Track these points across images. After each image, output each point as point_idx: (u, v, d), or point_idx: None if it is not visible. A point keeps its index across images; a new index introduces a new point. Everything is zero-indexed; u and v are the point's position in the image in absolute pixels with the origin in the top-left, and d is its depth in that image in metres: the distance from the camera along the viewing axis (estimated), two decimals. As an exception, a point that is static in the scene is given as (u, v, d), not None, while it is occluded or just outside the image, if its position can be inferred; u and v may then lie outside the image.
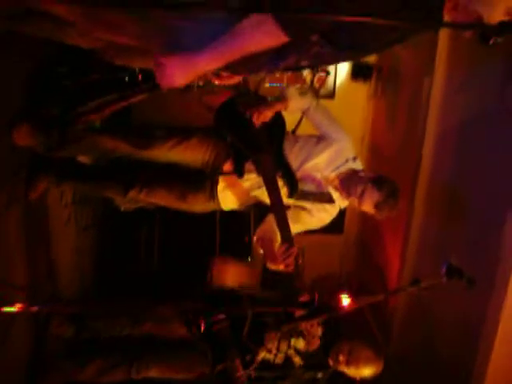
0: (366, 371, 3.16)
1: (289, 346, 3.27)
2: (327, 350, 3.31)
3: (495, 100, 3.41)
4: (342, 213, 3.03)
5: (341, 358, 3.20)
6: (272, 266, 2.64)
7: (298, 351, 3.28)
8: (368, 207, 2.75)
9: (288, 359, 3.28)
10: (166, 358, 3.44)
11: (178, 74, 1.76)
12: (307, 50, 1.84)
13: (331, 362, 3.26)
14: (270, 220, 2.84)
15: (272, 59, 1.89)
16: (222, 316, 3.29)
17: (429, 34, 3.83)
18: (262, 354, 3.23)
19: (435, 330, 4.05)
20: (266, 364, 3.26)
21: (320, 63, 2.34)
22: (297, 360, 3.29)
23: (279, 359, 3.27)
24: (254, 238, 2.97)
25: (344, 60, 2.13)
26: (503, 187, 3.23)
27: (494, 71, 3.41)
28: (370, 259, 5.78)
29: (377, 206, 2.71)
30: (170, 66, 1.74)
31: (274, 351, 3.25)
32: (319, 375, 3.32)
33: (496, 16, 1.57)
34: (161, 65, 1.76)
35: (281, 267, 2.55)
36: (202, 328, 3.02)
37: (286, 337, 3.26)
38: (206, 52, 1.73)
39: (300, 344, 3.27)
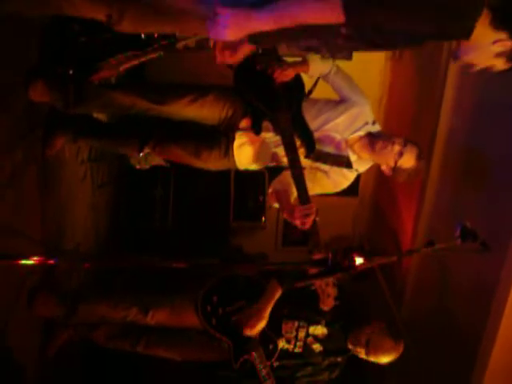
0: (385, 359, 3.15)
1: (307, 334, 3.28)
2: (346, 332, 3.30)
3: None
4: (357, 176, 3.03)
5: (359, 349, 3.20)
6: (288, 218, 2.68)
7: (316, 338, 3.29)
8: (409, 161, 2.78)
9: (307, 346, 3.30)
10: (177, 339, 3.45)
11: (232, 27, 1.74)
12: (332, 40, 1.87)
13: (350, 347, 3.28)
14: (286, 174, 2.84)
15: (297, 36, 1.89)
16: (241, 303, 3.28)
17: None
18: (281, 344, 3.24)
19: (448, 293, 4.07)
20: (285, 353, 3.26)
21: (337, 52, 2.35)
22: (316, 347, 3.29)
23: (299, 347, 3.27)
24: (269, 190, 2.98)
25: (361, 51, 2.14)
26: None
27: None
28: (384, 222, 5.77)
29: (419, 158, 2.79)
30: (225, 17, 1.72)
31: (293, 340, 3.27)
32: (339, 359, 3.34)
33: None
34: (217, 15, 1.74)
35: (297, 224, 2.58)
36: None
37: (304, 325, 3.28)
38: (264, 12, 1.72)
39: (318, 331, 3.29)
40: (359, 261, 2.12)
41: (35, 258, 2.07)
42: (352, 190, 6.27)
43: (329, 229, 5.98)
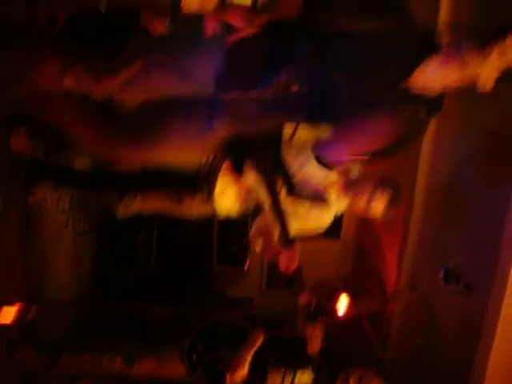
0: None
1: (293, 381, 3.23)
2: (334, 377, 3.24)
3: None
4: (339, 217, 3.04)
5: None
6: (272, 261, 2.73)
7: None
8: (378, 209, 2.79)
9: None
10: None
11: None
12: None
13: None
14: (267, 215, 2.84)
15: None
16: (226, 350, 3.23)
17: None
18: None
19: (435, 331, 4.04)
20: None
21: None
22: None
23: None
24: (251, 233, 2.98)
25: None
26: (502, 187, 3.25)
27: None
28: (367, 263, 5.76)
29: (389, 205, 2.78)
30: None
31: None
32: None
33: None
34: None
35: (282, 268, 2.62)
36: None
37: (291, 371, 3.22)
38: None
39: (305, 378, 3.23)
40: (342, 308, 2.12)
41: (15, 306, 2.04)
42: (334, 231, 6.33)
43: (312, 271, 5.95)
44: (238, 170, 2.83)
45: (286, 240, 2.61)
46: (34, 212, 3.17)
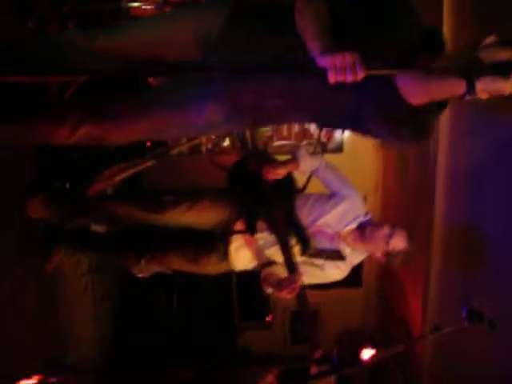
0: None
1: None
2: None
3: (504, 137, 3.43)
4: (359, 265, 3.03)
5: None
6: (276, 292, 2.70)
7: None
8: (400, 243, 2.76)
9: None
10: None
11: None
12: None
13: None
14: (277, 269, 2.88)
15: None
16: None
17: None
18: None
19: (466, 374, 3.95)
20: None
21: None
22: None
23: None
24: (262, 276, 2.97)
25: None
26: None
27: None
28: (391, 309, 5.69)
29: (409, 239, 2.77)
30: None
31: None
32: None
33: None
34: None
35: (283, 294, 2.60)
36: None
37: None
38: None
39: None
40: (367, 355, 2.08)
41: (37, 377, 2.03)
42: (355, 280, 6.28)
43: (336, 323, 5.90)
44: (252, 230, 2.85)
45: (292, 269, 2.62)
46: (53, 278, 3.19)
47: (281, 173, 2.84)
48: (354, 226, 2.89)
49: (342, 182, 2.94)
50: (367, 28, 1.89)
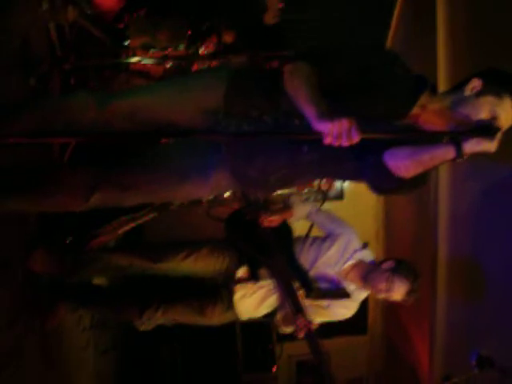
0: None
1: None
2: None
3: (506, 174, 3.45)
4: (364, 312, 3.04)
5: None
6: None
7: None
8: (398, 297, 2.81)
9: None
10: None
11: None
12: None
13: None
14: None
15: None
16: None
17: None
18: None
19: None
20: None
21: None
22: None
23: None
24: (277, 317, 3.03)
25: None
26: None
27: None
28: (398, 357, 5.60)
29: (408, 294, 2.79)
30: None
31: None
32: None
33: None
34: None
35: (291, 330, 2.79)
36: None
37: None
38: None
39: None
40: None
41: None
42: (361, 327, 6.20)
43: (342, 371, 5.78)
44: (255, 277, 2.93)
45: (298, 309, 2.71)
46: (54, 334, 3.14)
47: (276, 221, 2.94)
48: (353, 261, 2.97)
49: (335, 222, 3.09)
50: (356, 89, 1.95)
